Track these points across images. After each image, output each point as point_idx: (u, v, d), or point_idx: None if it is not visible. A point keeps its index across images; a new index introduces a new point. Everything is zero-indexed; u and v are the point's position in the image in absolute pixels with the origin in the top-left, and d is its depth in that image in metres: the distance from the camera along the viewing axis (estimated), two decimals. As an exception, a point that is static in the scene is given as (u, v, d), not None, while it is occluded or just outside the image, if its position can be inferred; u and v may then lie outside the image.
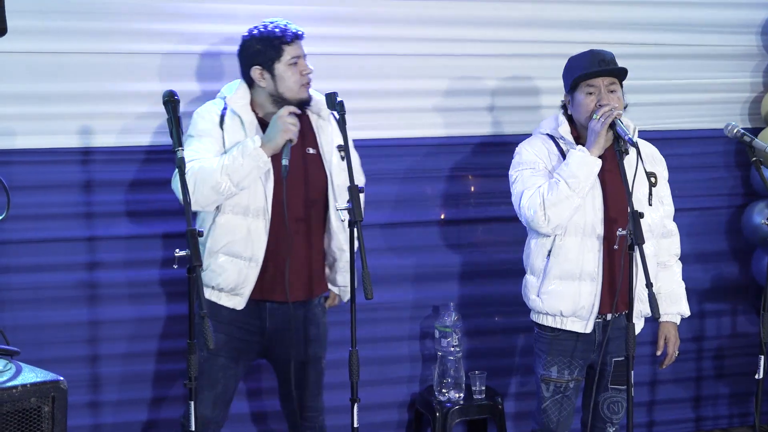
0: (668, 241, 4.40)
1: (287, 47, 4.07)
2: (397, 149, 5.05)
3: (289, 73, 4.08)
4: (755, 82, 5.57)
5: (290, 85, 4.08)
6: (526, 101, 5.13)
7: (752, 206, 5.54)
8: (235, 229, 4.08)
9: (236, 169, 3.95)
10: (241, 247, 4.08)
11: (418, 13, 4.96)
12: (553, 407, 4.32)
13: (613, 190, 4.18)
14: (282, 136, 3.97)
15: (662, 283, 4.31)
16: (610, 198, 4.19)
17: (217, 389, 4.17)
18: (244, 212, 4.07)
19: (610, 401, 4.35)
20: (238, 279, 4.10)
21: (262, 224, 4.07)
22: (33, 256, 4.58)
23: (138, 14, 4.57)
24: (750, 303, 5.68)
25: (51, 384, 3.53)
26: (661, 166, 4.39)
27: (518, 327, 5.15)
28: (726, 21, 5.44)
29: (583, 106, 4.19)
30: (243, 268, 4.09)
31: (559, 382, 4.29)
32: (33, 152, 4.53)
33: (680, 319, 4.44)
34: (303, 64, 4.11)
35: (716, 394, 5.72)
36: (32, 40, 4.45)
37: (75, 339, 4.66)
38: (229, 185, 3.95)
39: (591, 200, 4.18)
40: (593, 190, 4.17)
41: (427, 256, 5.16)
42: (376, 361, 4.96)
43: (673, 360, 4.45)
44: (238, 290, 4.11)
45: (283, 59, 4.07)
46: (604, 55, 4.23)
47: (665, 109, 5.36)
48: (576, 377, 4.31)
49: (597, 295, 4.20)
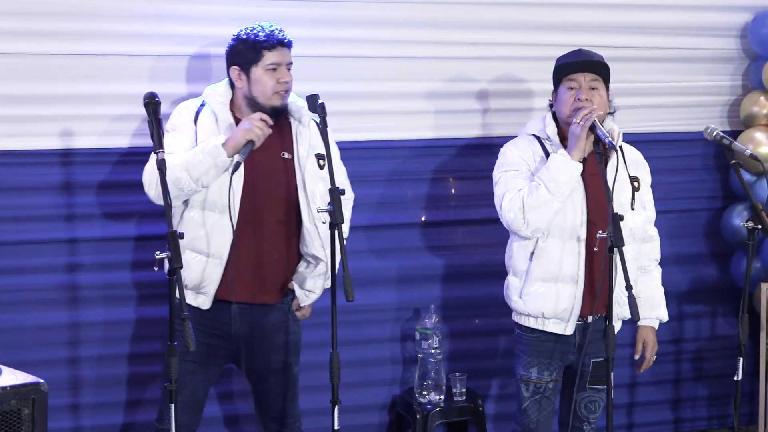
0: (649, 246, 4.42)
1: (268, 53, 4.05)
2: (378, 151, 5.05)
3: (266, 78, 4.06)
4: (734, 85, 5.59)
5: (263, 90, 4.07)
6: (511, 104, 5.14)
7: (731, 209, 5.56)
8: (199, 225, 4.07)
9: (195, 165, 3.94)
10: (204, 243, 4.07)
11: (404, 16, 4.97)
12: (533, 407, 4.33)
13: (595, 193, 4.18)
14: (244, 134, 3.95)
15: (641, 288, 4.32)
16: (592, 201, 4.20)
17: (185, 393, 4.10)
18: (210, 207, 4.06)
19: (588, 401, 4.36)
20: (201, 276, 4.08)
21: (226, 221, 4.04)
22: (13, 258, 4.56)
23: (120, 16, 4.56)
24: (729, 305, 5.70)
25: (31, 386, 3.52)
26: (644, 170, 4.40)
27: (499, 329, 5.16)
28: (706, 24, 5.46)
29: (563, 102, 4.21)
30: (205, 265, 4.07)
31: (539, 383, 4.31)
32: (13, 154, 4.51)
33: (658, 324, 4.46)
34: (283, 72, 4.08)
35: (695, 396, 5.73)
36: (12, 41, 4.43)
37: (55, 341, 4.65)
38: (189, 181, 3.94)
39: (572, 203, 4.19)
40: (575, 193, 4.18)
41: (408, 258, 5.16)
42: (356, 363, 4.95)
43: (650, 364, 4.47)
44: (202, 288, 4.09)
45: (261, 63, 4.05)
46: (589, 54, 4.25)
47: (645, 112, 5.38)
48: (555, 378, 4.32)
49: (578, 297, 4.21)
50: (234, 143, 3.95)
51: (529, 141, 4.32)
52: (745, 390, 5.45)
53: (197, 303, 4.12)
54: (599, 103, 4.18)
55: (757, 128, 5.47)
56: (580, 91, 4.18)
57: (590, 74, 4.21)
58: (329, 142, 3.93)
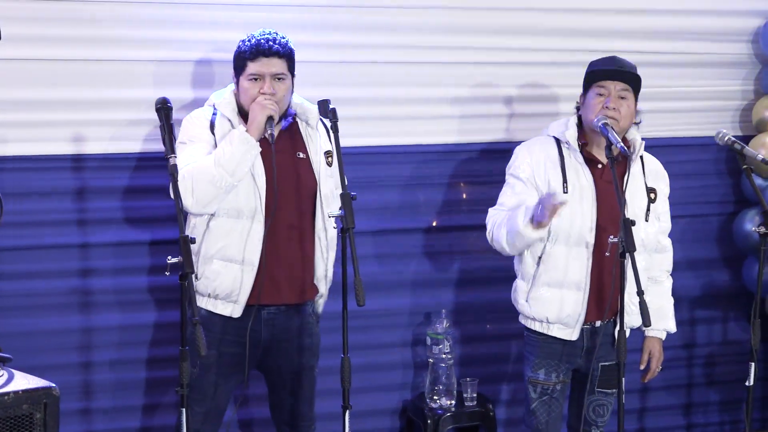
0: (661, 257, 4.42)
1: (250, 63, 4.06)
2: (390, 156, 5.06)
3: (248, 87, 4.08)
4: (746, 90, 5.59)
5: (246, 100, 4.09)
6: (523, 109, 5.15)
7: (743, 214, 5.55)
8: (229, 233, 4.07)
9: (228, 157, 3.96)
10: (236, 250, 4.07)
11: (418, 21, 4.98)
12: (542, 408, 4.36)
13: (608, 199, 4.18)
14: (261, 112, 3.99)
15: (651, 298, 4.23)
16: (604, 207, 4.20)
17: (208, 404, 4.16)
18: (238, 215, 4.07)
19: (596, 404, 4.37)
20: (233, 285, 4.08)
21: (257, 226, 4.07)
22: (25, 263, 4.58)
23: (129, 21, 4.57)
24: (741, 310, 5.69)
25: (43, 391, 3.52)
26: (663, 182, 4.40)
27: (510, 334, 5.15)
28: (718, 29, 5.45)
29: (590, 107, 4.22)
30: (238, 273, 4.08)
31: (547, 385, 4.33)
32: (25, 159, 4.52)
33: (665, 335, 4.45)
34: (265, 84, 4.06)
35: (707, 401, 5.72)
36: (24, 46, 4.44)
37: (67, 346, 4.66)
38: (225, 175, 3.95)
39: (581, 209, 4.19)
40: (584, 201, 4.19)
41: (420, 263, 5.17)
42: (367, 367, 4.96)
43: (655, 375, 4.47)
44: (234, 296, 4.10)
45: (244, 73, 4.09)
46: (623, 62, 4.26)
47: (657, 117, 5.36)
48: (562, 379, 4.34)
49: (583, 303, 4.22)
50: (256, 125, 3.99)
51: (544, 142, 4.32)
52: (757, 395, 5.45)
53: (228, 311, 4.11)
54: (626, 113, 4.18)
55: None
56: (609, 99, 4.19)
57: (621, 83, 4.21)
58: (339, 147, 3.95)
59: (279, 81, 4.08)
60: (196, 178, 3.94)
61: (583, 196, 4.21)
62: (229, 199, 4.04)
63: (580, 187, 4.23)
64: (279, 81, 4.08)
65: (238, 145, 3.97)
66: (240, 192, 4.05)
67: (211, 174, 3.95)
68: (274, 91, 4.05)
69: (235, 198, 4.05)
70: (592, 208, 4.20)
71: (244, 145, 3.97)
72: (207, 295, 4.10)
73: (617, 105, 4.18)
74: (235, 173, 3.97)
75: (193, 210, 4.00)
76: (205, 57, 4.64)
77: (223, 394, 4.22)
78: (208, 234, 4.09)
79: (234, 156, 3.96)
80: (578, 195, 4.22)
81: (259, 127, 4.00)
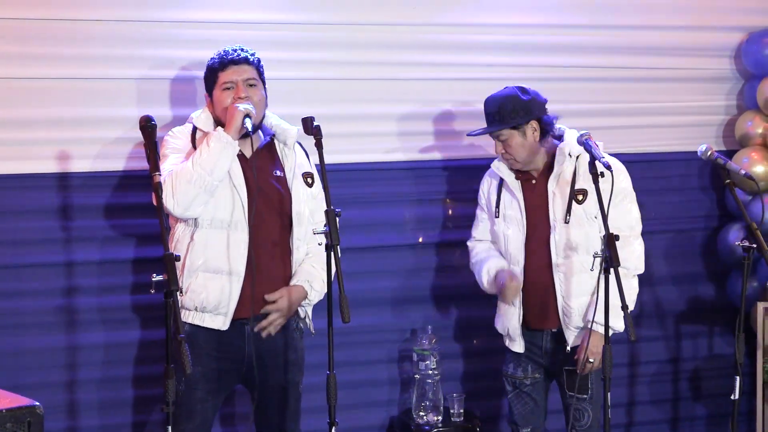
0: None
1: (221, 73, 4.13)
2: (375, 173, 5.07)
3: (223, 97, 4.13)
4: (729, 105, 5.62)
5: (221, 111, 4.13)
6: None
7: (727, 228, 5.57)
8: (213, 244, 4.08)
9: (206, 156, 3.99)
10: (221, 261, 4.08)
11: (400, 38, 5.01)
12: (515, 401, 4.60)
13: (535, 213, 4.42)
14: (237, 115, 4.03)
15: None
16: (531, 222, 4.42)
17: (195, 421, 4.15)
18: (221, 225, 4.08)
19: (574, 408, 4.46)
20: (220, 296, 4.08)
21: (241, 236, 4.08)
22: (10, 282, 4.57)
23: (114, 40, 4.59)
24: (726, 325, 5.70)
25: (27, 409, 3.52)
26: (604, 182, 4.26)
27: (496, 349, 5.14)
28: (701, 45, 5.49)
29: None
30: (225, 284, 4.08)
31: (515, 378, 4.57)
32: (9, 177, 4.52)
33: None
34: (239, 90, 4.12)
35: (693, 416, 5.73)
36: (8, 65, 4.46)
37: (53, 364, 4.65)
38: (203, 174, 3.98)
39: (515, 226, 4.43)
40: (517, 222, 4.44)
41: (405, 279, 5.17)
42: (354, 384, 4.94)
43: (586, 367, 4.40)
44: (221, 308, 4.09)
45: (217, 85, 4.15)
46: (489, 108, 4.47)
47: (641, 132, 5.40)
48: (531, 375, 4.54)
49: (519, 317, 4.47)
50: (233, 125, 4.03)
51: (494, 165, 4.56)
52: (743, 409, 5.45)
53: (216, 325, 4.11)
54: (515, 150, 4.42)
55: (752, 148, 5.48)
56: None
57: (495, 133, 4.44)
58: (324, 164, 3.96)
59: (252, 87, 4.14)
60: (176, 180, 3.98)
61: (513, 219, 4.45)
62: (210, 209, 4.06)
63: (510, 209, 4.48)
64: (252, 87, 4.14)
65: (215, 143, 4.00)
66: (222, 203, 4.07)
67: (190, 173, 3.97)
68: (249, 95, 4.11)
69: (217, 208, 4.07)
70: (521, 229, 4.44)
71: (220, 142, 4.00)
72: (194, 309, 4.10)
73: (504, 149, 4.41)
74: (213, 172, 3.99)
75: (176, 212, 4.01)
76: (189, 75, 4.64)
77: (210, 411, 4.21)
78: (193, 246, 4.09)
79: (211, 154, 3.99)
80: (508, 219, 4.48)
81: (236, 126, 4.03)
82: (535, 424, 4.58)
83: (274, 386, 4.22)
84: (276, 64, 4.48)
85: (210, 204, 4.05)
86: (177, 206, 3.99)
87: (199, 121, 4.19)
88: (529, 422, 4.57)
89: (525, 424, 4.58)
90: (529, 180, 4.46)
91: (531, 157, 4.40)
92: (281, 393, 4.24)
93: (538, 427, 4.60)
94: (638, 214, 4.45)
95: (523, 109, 4.35)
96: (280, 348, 4.22)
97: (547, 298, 4.39)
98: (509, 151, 4.38)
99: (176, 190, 3.97)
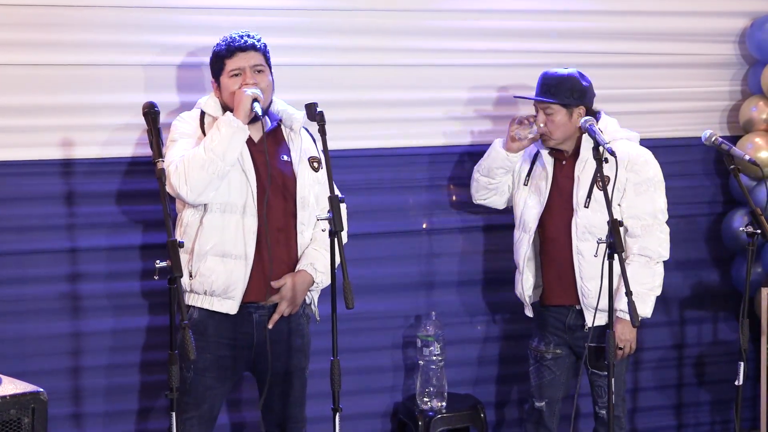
0: (631, 240, 4.53)
1: (228, 61, 4.14)
2: (379, 159, 5.07)
3: (230, 84, 4.13)
4: (734, 90, 5.61)
5: (228, 97, 4.14)
6: (512, 111, 5.14)
7: (732, 214, 5.57)
8: (223, 228, 4.10)
9: (217, 141, 4.00)
10: (231, 245, 4.09)
11: (405, 24, 5.00)
12: (534, 373, 4.71)
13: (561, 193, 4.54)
14: (246, 100, 4.04)
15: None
16: (555, 199, 4.55)
17: (203, 408, 4.17)
18: (231, 209, 4.10)
19: (596, 384, 4.57)
20: (229, 280, 4.09)
21: (250, 220, 4.09)
22: (15, 268, 4.57)
23: (120, 26, 4.57)
24: (730, 310, 5.71)
25: (31, 395, 3.53)
26: (629, 171, 4.50)
27: (501, 336, 5.17)
28: (704, 30, 5.47)
29: None
30: (233, 268, 4.09)
31: (537, 352, 4.69)
32: (15, 164, 4.52)
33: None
34: (246, 76, 4.13)
35: (697, 401, 5.73)
36: (12, 52, 4.45)
37: (58, 351, 4.65)
38: (215, 159, 3.98)
39: (536, 196, 4.54)
40: (540, 193, 4.57)
41: (409, 265, 5.17)
42: (358, 370, 4.96)
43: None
44: (230, 292, 4.10)
45: (225, 72, 4.15)
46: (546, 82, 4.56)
47: (645, 118, 5.38)
48: (552, 350, 4.64)
49: (531, 285, 4.63)
50: (242, 109, 4.04)
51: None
52: (746, 395, 5.46)
53: (225, 308, 4.12)
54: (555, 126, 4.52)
55: (757, 133, 5.48)
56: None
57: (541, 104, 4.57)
58: (327, 150, 3.96)
59: (259, 73, 4.14)
60: (188, 165, 3.99)
61: (537, 189, 4.59)
62: (221, 193, 4.07)
63: (539, 179, 4.62)
64: (259, 73, 4.14)
65: (226, 127, 4.01)
66: (232, 187, 4.08)
67: (202, 159, 3.98)
68: (256, 81, 4.12)
69: (227, 192, 4.08)
70: (544, 198, 4.56)
71: (230, 127, 4.01)
72: (203, 293, 4.11)
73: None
74: (225, 157, 4.00)
75: (189, 199, 4.03)
76: (194, 61, 4.64)
77: (217, 398, 4.22)
78: (202, 231, 4.11)
79: (223, 139, 4.00)
80: (533, 189, 4.62)
81: (245, 111, 4.04)
82: (551, 396, 4.66)
83: (281, 372, 4.23)
84: (281, 50, 4.48)
85: (220, 189, 4.07)
86: (191, 192, 4.01)
87: (208, 107, 4.20)
88: (545, 395, 4.67)
89: (540, 397, 4.68)
90: (560, 160, 4.60)
91: (565, 138, 4.54)
92: (287, 379, 4.25)
93: (556, 400, 4.67)
94: (664, 204, 4.57)
95: (580, 92, 4.50)
96: (287, 334, 4.23)
97: (566, 276, 4.52)
98: (550, 127, 4.52)
99: (189, 176, 3.98)
